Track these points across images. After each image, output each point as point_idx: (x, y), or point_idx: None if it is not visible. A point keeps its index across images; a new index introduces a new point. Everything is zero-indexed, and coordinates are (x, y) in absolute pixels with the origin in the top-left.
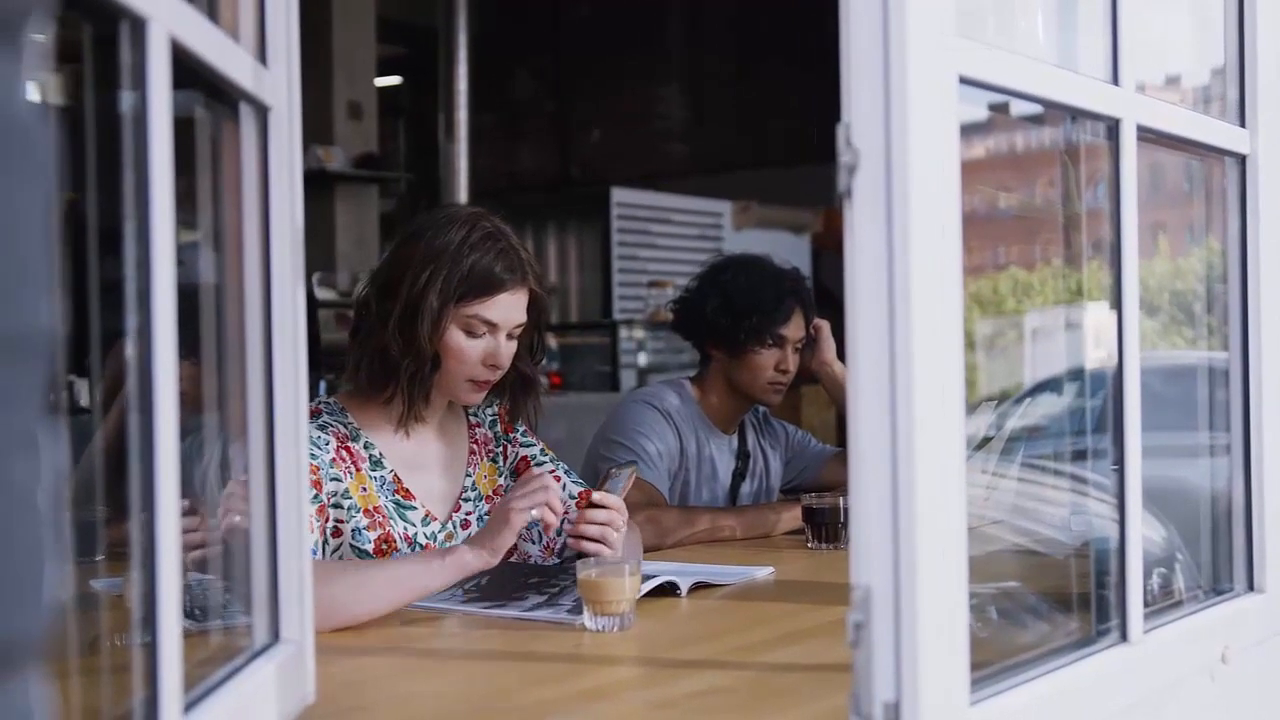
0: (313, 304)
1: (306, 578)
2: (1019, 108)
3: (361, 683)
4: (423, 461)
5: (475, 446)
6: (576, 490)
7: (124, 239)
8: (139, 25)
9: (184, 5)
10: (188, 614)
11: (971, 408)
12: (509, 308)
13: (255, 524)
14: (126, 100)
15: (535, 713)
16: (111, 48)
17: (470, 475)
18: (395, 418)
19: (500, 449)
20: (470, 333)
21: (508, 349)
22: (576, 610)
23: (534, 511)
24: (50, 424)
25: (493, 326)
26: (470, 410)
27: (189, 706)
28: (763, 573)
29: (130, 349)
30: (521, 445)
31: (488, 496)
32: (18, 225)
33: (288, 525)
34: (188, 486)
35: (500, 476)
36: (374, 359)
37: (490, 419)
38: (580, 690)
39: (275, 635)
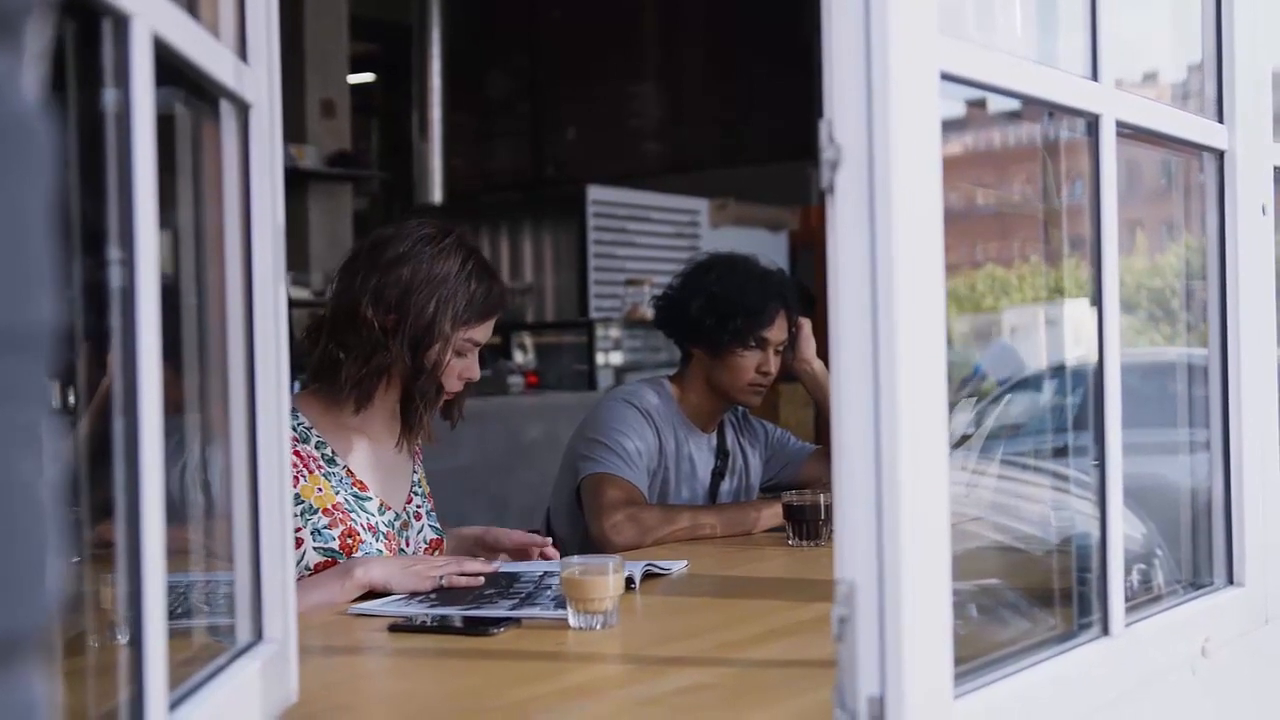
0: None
1: (290, 577)
2: (995, 105)
3: (344, 682)
4: (375, 458)
5: (417, 447)
6: (430, 536)
7: (105, 238)
8: (122, 22)
9: (166, 2)
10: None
11: (950, 404)
12: (491, 328)
13: (238, 524)
14: (108, 97)
15: (520, 711)
16: (90, 44)
17: (417, 472)
18: (375, 424)
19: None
20: (460, 353)
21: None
22: (561, 604)
23: (442, 580)
24: (51, 418)
25: (477, 346)
26: None
27: (173, 705)
28: (677, 566)
29: (113, 350)
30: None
31: (428, 494)
32: (22, 221)
33: (270, 525)
34: (167, 489)
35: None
36: (374, 376)
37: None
38: (565, 688)
39: (259, 634)
